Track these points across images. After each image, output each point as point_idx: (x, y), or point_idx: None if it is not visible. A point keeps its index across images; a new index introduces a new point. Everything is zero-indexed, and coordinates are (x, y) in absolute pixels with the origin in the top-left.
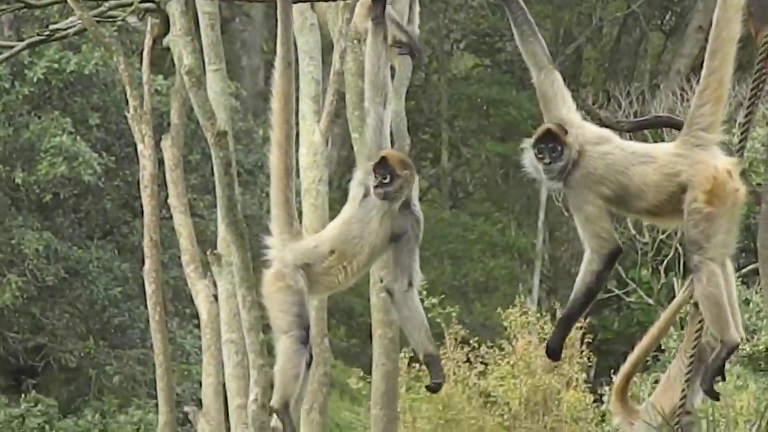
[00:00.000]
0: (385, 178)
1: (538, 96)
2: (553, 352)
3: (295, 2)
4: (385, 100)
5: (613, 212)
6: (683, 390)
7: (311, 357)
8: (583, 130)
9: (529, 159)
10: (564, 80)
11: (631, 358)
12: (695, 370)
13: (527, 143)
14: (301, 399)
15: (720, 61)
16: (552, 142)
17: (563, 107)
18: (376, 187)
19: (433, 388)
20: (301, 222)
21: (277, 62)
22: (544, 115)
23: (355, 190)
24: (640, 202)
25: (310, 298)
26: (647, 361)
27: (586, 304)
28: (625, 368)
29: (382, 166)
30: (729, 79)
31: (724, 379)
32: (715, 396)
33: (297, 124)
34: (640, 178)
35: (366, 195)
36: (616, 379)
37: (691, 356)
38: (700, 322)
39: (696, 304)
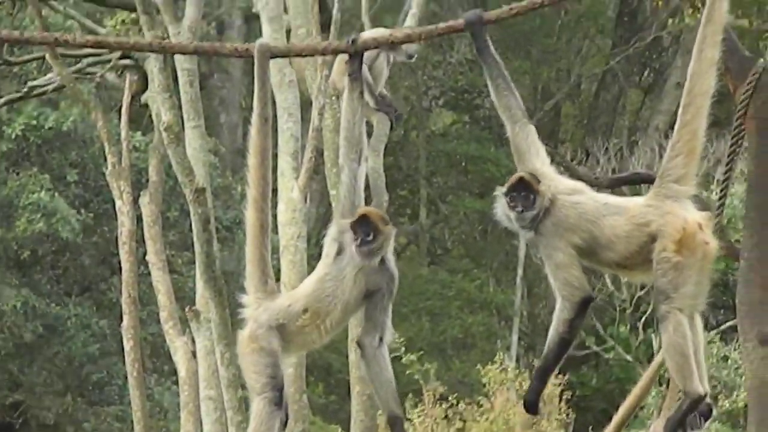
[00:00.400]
0: (368, 236)
1: (512, 149)
2: (531, 406)
3: (272, 57)
4: (360, 157)
5: (585, 265)
6: None
7: (287, 416)
8: (555, 182)
9: (501, 207)
10: (539, 135)
11: (616, 419)
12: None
13: (499, 191)
14: None
15: (693, 114)
16: (524, 190)
17: (536, 160)
18: (359, 245)
19: None
20: (278, 279)
21: (254, 119)
22: (518, 168)
23: (328, 247)
24: (610, 253)
25: (286, 357)
26: None
27: (560, 355)
28: (610, 430)
29: (363, 223)
30: (702, 132)
31: None
32: None
33: (275, 180)
34: (611, 230)
35: (339, 252)
36: None
37: None
38: None
39: None
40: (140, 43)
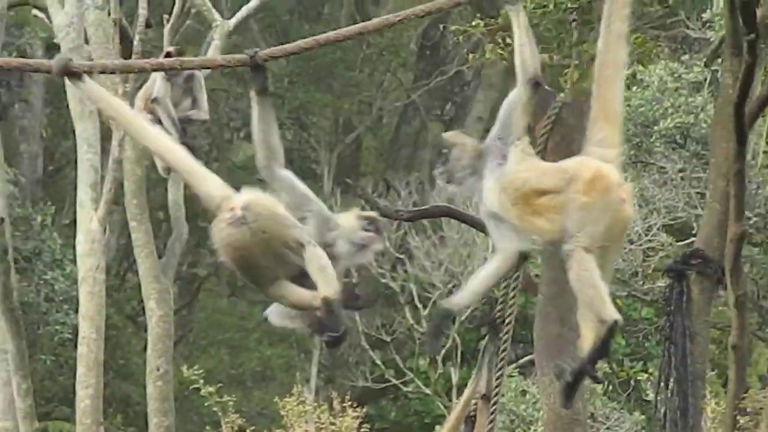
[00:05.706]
0: None
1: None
2: None
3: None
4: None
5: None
6: None
7: None
8: None
9: None
10: (342, 167)
11: None
12: None
13: None
14: None
15: (605, 87)
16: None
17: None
18: None
19: None
20: (77, 311)
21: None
22: None
23: None
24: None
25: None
26: None
27: None
28: None
29: None
30: (619, 100)
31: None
32: (598, 379)
33: (75, 211)
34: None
35: None
36: None
37: None
38: (492, 413)
39: (484, 397)
40: None
